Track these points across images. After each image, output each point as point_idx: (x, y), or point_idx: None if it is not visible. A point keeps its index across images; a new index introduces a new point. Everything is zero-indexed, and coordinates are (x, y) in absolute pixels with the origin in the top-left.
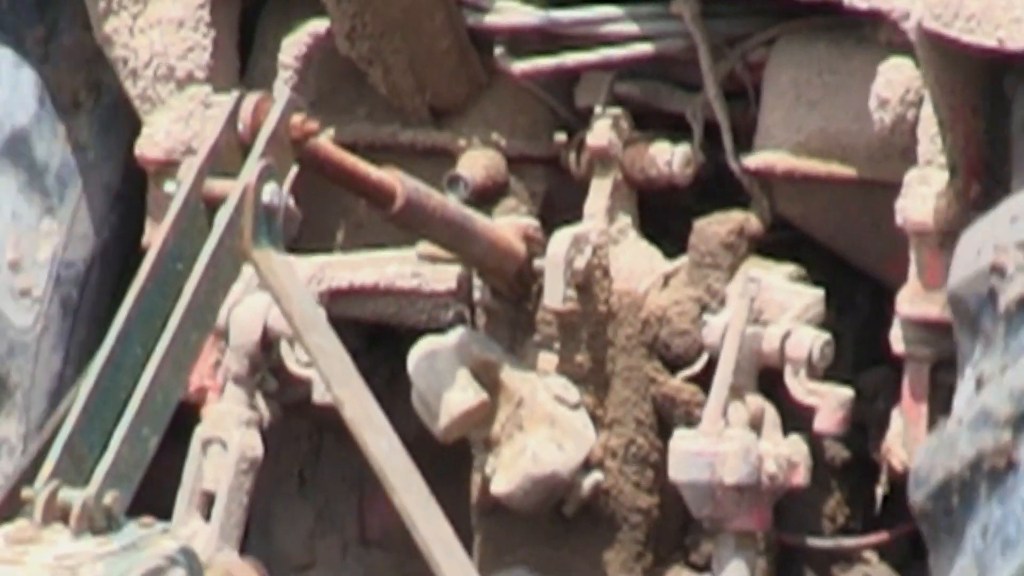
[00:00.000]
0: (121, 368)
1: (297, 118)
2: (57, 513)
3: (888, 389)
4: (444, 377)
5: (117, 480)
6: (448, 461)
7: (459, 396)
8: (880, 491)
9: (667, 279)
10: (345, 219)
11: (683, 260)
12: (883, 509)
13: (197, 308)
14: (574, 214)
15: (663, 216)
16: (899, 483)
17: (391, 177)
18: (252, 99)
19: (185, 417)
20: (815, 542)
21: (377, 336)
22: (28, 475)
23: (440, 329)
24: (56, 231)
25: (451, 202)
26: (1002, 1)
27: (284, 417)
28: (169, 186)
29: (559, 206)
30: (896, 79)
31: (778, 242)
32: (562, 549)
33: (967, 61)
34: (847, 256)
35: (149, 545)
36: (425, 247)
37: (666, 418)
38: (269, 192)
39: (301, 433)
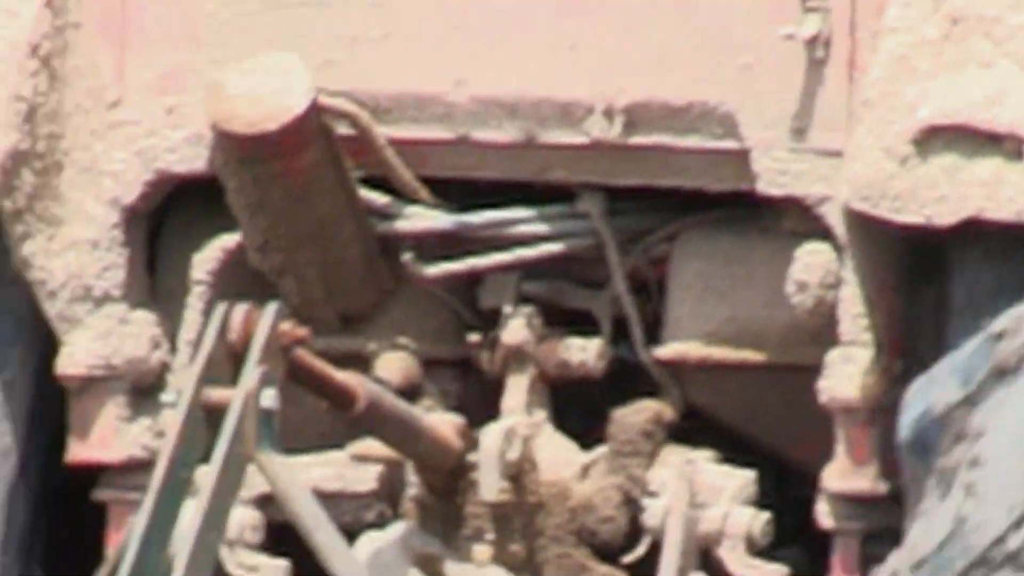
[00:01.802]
0: (145, 574)
1: (286, 325)
2: None
3: (809, 564)
4: (394, 572)
5: None
6: None
7: None
8: None
9: (586, 469)
10: None
11: (600, 450)
12: None
13: (212, 512)
14: (488, 412)
15: (574, 409)
16: None
17: (354, 380)
18: (241, 310)
19: None
20: None
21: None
22: None
23: (362, 529)
24: None
25: (402, 403)
26: (926, 180)
27: None
28: (166, 397)
29: (471, 404)
30: (814, 262)
31: (690, 429)
32: None
33: (890, 242)
34: (756, 439)
35: None
36: (358, 448)
37: None
38: (268, 397)
39: None
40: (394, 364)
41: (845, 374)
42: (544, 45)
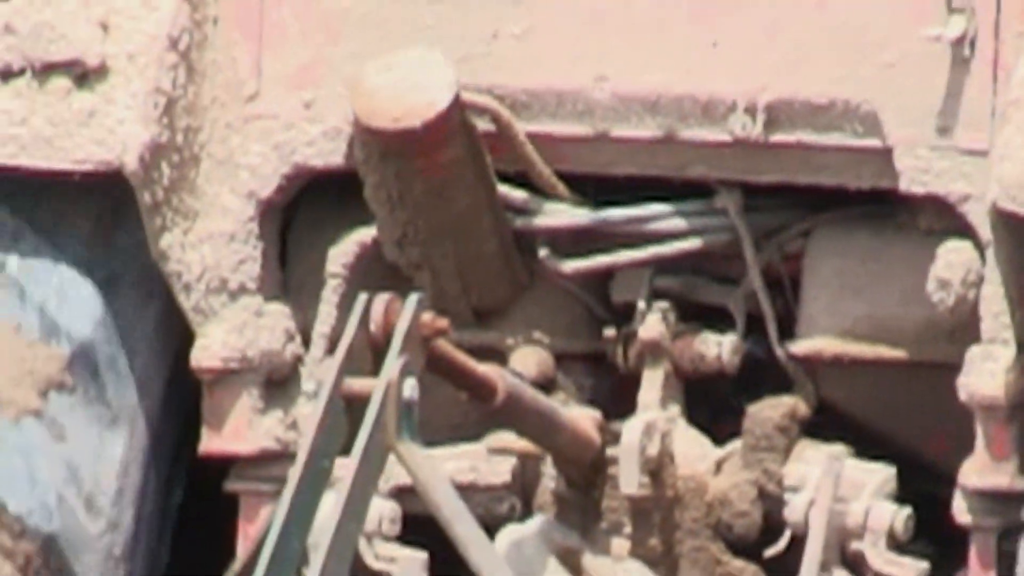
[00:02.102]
0: (284, 564)
1: (427, 316)
2: None
3: (940, 560)
4: (534, 565)
5: None
6: None
7: None
8: None
9: (719, 464)
10: None
11: (733, 445)
12: None
13: (352, 502)
14: (621, 406)
15: (704, 404)
16: None
17: (493, 372)
18: (382, 300)
19: None
20: None
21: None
22: None
23: (494, 522)
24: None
25: (541, 396)
26: None
27: None
28: (307, 387)
29: (604, 399)
30: (957, 260)
31: (823, 424)
32: None
33: None
34: (889, 435)
35: None
36: (495, 440)
37: None
38: (408, 388)
39: None
40: (529, 358)
41: (986, 371)
42: (686, 42)
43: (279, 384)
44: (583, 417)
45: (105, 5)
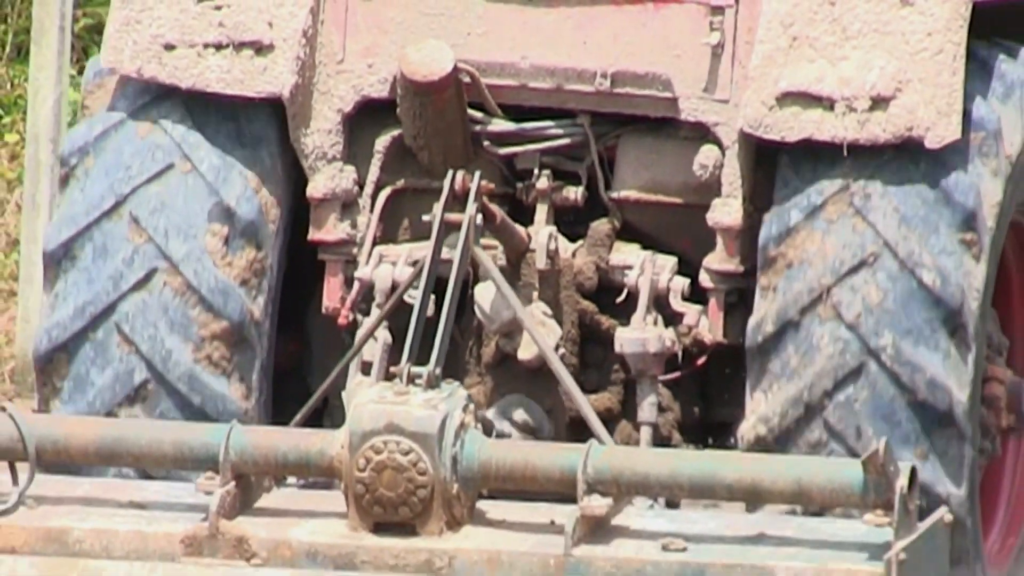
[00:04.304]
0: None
1: (483, 182)
2: (412, 379)
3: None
4: None
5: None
6: None
7: None
8: None
9: (574, 253)
10: None
11: (582, 243)
12: None
13: (455, 294)
14: (524, 222)
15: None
16: None
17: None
18: (461, 174)
19: None
20: None
21: None
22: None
23: None
24: None
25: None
26: None
27: None
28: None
29: (513, 218)
30: (710, 154)
31: (626, 236)
32: None
33: None
34: (667, 243)
35: (456, 392)
36: None
37: None
38: (478, 218)
39: None
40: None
41: (725, 211)
42: (570, 36)
43: (348, 205)
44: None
45: (269, 12)
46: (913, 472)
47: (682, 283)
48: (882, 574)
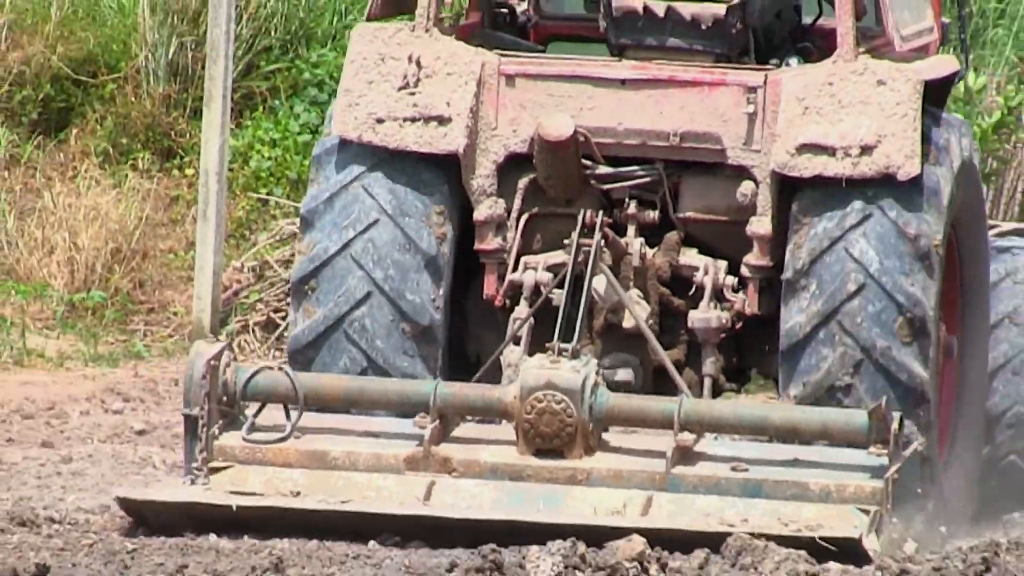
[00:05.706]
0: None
1: None
2: (560, 352)
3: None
4: None
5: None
6: None
7: None
8: None
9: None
10: None
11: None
12: None
13: (575, 266)
14: None
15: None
16: None
17: None
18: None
19: None
20: None
21: None
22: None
23: None
24: None
25: None
26: None
27: None
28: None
29: None
30: (748, 187)
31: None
32: None
33: None
34: (719, 251)
35: (591, 361)
36: None
37: None
38: None
39: None
40: None
41: (756, 218)
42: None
43: (500, 225)
44: None
45: (447, 95)
46: (901, 420)
47: (732, 280)
48: (882, 488)
